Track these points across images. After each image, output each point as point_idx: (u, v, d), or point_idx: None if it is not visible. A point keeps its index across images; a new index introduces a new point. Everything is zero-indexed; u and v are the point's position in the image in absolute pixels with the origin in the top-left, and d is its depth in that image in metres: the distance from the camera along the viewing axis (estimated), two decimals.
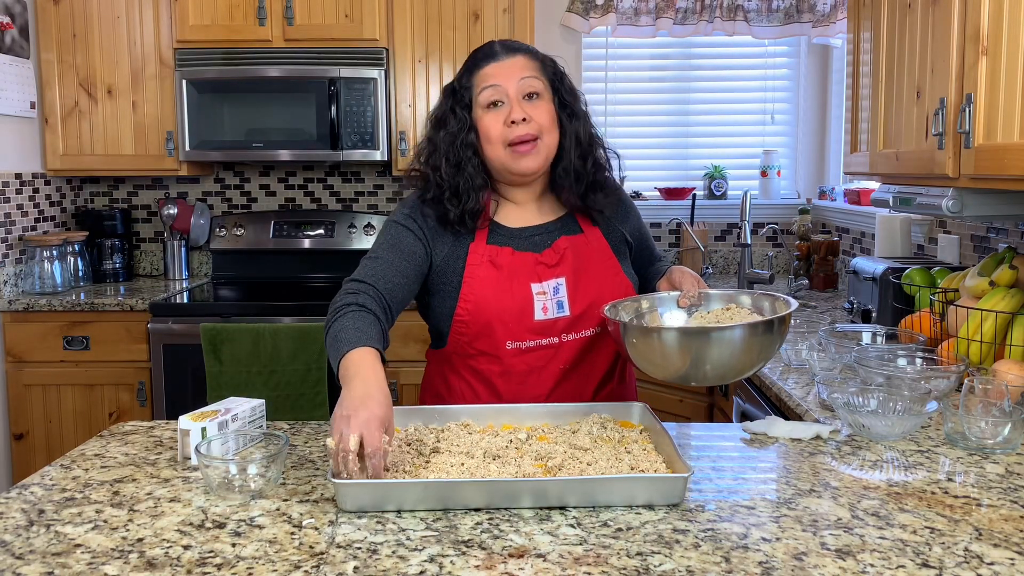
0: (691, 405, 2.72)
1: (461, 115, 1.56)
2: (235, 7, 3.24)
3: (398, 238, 1.58)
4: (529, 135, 1.53)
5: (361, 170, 3.75)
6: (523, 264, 1.58)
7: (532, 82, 1.54)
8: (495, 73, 1.54)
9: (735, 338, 1.33)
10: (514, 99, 1.53)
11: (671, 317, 1.56)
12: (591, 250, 1.63)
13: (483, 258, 1.58)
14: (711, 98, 3.81)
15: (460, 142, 1.55)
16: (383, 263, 1.54)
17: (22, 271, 3.24)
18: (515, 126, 1.52)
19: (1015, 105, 1.50)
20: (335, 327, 1.40)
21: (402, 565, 1.00)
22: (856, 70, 2.33)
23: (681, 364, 1.36)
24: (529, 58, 1.58)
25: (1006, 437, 1.38)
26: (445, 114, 1.58)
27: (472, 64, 1.58)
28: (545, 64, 1.59)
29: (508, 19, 3.28)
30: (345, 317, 1.42)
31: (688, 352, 1.35)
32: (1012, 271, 1.75)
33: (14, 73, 3.16)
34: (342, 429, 1.17)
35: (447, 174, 1.56)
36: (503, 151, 1.54)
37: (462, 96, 1.57)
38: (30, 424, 3.12)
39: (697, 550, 1.03)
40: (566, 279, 1.59)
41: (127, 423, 1.56)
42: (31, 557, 1.03)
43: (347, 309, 1.44)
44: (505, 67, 1.55)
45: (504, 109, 1.53)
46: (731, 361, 1.35)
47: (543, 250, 1.60)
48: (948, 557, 1.01)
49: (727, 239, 3.80)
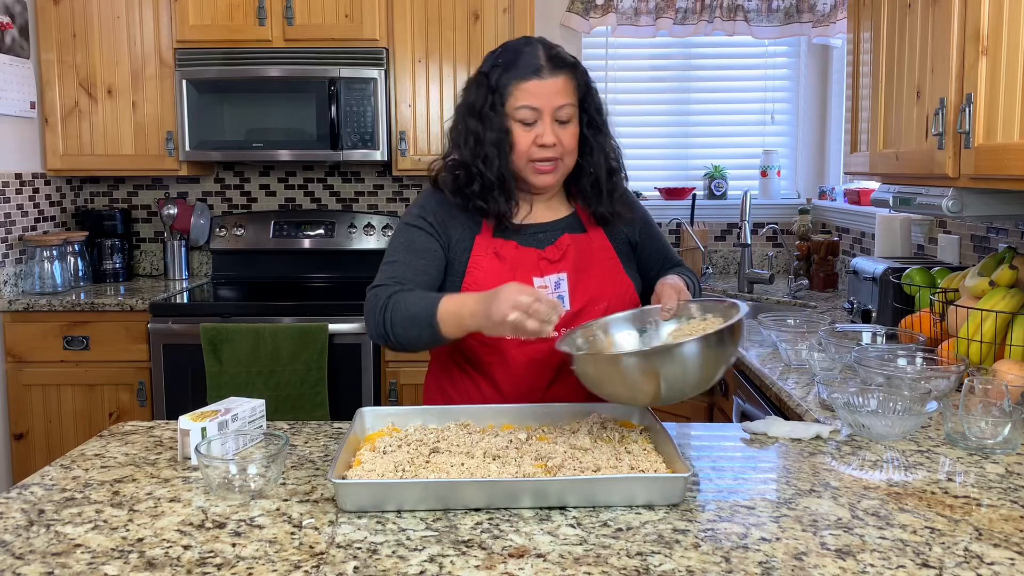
0: (691, 405, 2.71)
1: (500, 113, 1.56)
2: (235, 7, 3.24)
3: (411, 239, 1.61)
4: (552, 157, 1.57)
5: (361, 170, 3.75)
6: (526, 258, 1.61)
7: (567, 109, 1.56)
8: (536, 93, 1.54)
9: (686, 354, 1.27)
10: (548, 123, 1.55)
11: (624, 338, 1.53)
12: (593, 249, 1.66)
13: (488, 250, 1.61)
14: (711, 98, 3.81)
15: (505, 144, 1.56)
16: (401, 265, 1.59)
17: (22, 271, 3.24)
18: (543, 148, 1.55)
19: (1015, 105, 1.50)
20: (399, 312, 1.47)
21: (402, 565, 1.00)
22: (856, 70, 2.33)
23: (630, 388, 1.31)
24: (569, 79, 1.57)
25: (1006, 437, 1.38)
26: (485, 110, 1.57)
27: (515, 71, 1.55)
28: (580, 81, 1.60)
29: (508, 19, 3.28)
30: (397, 298, 1.49)
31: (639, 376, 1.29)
32: (1012, 271, 1.75)
33: (14, 73, 3.16)
34: (522, 317, 1.29)
35: (500, 170, 1.56)
36: (525, 164, 1.58)
37: (497, 97, 1.56)
38: (30, 424, 3.12)
39: (697, 550, 1.03)
40: (567, 275, 1.62)
41: (127, 423, 1.56)
42: (31, 557, 1.03)
43: (394, 296, 1.50)
44: (547, 88, 1.54)
45: (536, 128, 1.55)
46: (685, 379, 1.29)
47: (546, 246, 1.63)
48: (948, 557, 1.01)
49: (727, 239, 3.80)
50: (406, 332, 1.47)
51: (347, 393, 3.04)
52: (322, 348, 2.94)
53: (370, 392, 3.05)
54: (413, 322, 1.46)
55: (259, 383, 2.93)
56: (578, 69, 1.60)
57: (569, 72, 1.57)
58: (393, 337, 1.50)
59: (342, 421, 1.59)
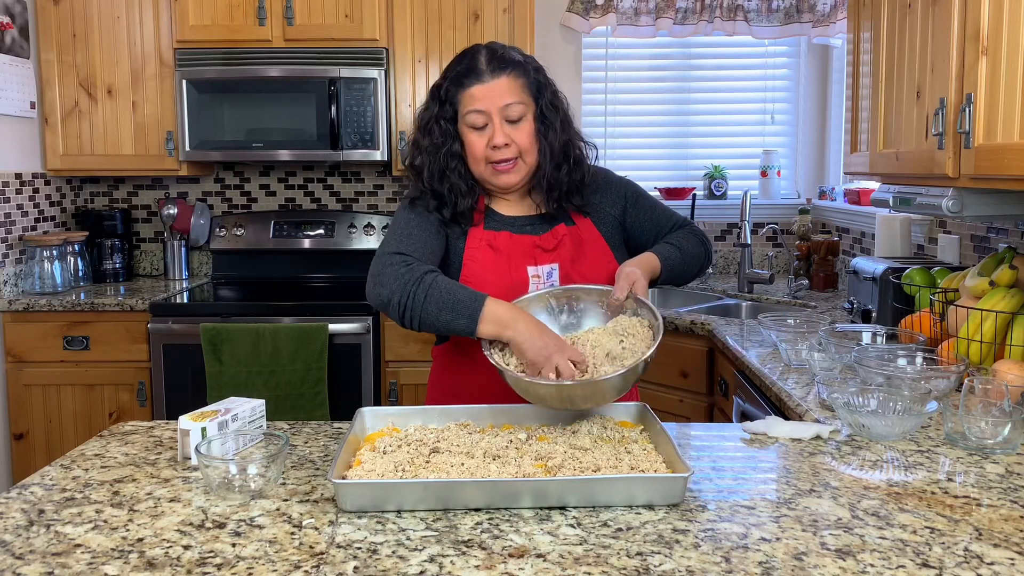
0: (691, 405, 2.72)
1: (446, 126, 1.61)
2: (235, 7, 3.24)
3: (421, 216, 1.63)
4: (508, 157, 1.59)
5: (361, 170, 3.75)
6: (520, 246, 1.64)
7: (515, 107, 1.58)
8: (480, 96, 1.57)
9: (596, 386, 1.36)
10: (497, 124, 1.58)
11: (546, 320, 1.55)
12: (584, 240, 1.68)
13: (482, 242, 1.64)
14: (711, 98, 3.81)
15: (445, 152, 1.61)
16: (417, 238, 1.58)
17: (22, 271, 3.24)
18: (497, 150, 1.58)
19: (1015, 105, 1.50)
20: (437, 292, 1.46)
21: (402, 565, 1.00)
22: (856, 70, 2.33)
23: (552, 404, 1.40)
24: (514, 77, 1.59)
25: (1006, 437, 1.38)
26: (430, 122, 1.62)
27: (458, 79, 1.59)
28: (529, 78, 1.61)
29: (508, 19, 3.28)
30: (439, 280, 1.48)
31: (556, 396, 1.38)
32: (1012, 271, 1.75)
33: (14, 73, 3.16)
34: (558, 362, 1.37)
35: (429, 181, 1.62)
36: (485, 167, 1.61)
37: (448, 107, 1.60)
38: (30, 424, 3.12)
39: (697, 550, 1.03)
40: (559, 265, 1.64)
41: (127, 423, 1.56)
42: (31, 557, 1.03)
43: (432, 275, 1.49)
44: (491, 91, 1.57)
45: (488, 131, 1.58)
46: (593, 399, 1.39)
47: (542, 234, 1.66)
48: (948, 557, 1.01)
49: (727, 239, 3.80)
50: (438, 315, 1.46)
51: (347, 393, 3.04)
52: (322, 348, 2.94)
53: (370, 392, 3.06)
54: (452, 307, 1.45)
55: (259, 383, 2.93)
56: (526, 67, 1.61)
57: (513, 71, 1.59)
58: (420, 313, 1.47)
59: (342, 421, 1.59)
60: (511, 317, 1.43)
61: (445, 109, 1.61)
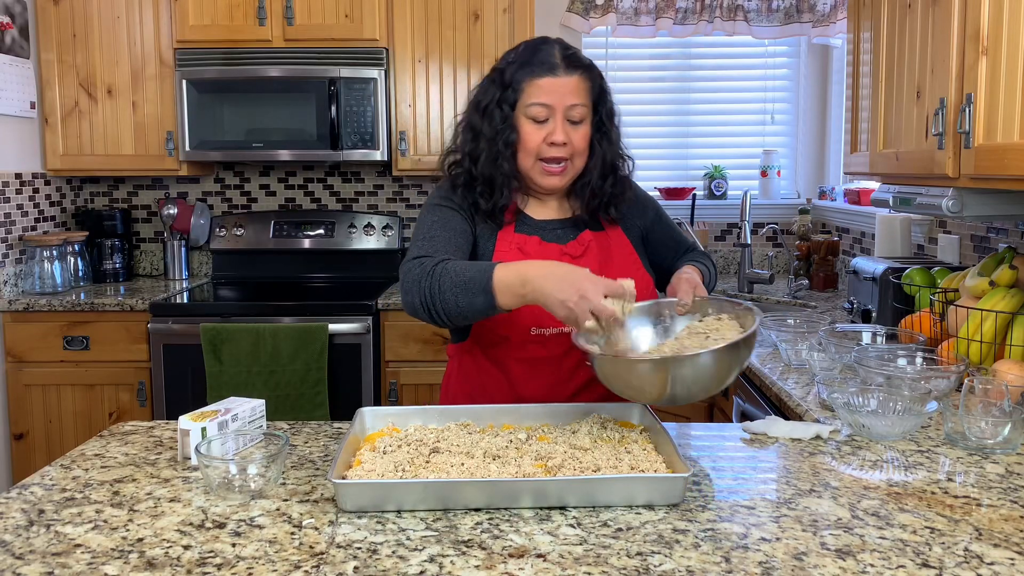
0: (691, 405, 2.72)
1: (507, 112, 1.56)
2: (235, 7, 3.24)
3: (445, 218, 1.58)
4: (561, 157, 1.56)
5: (361, 170, 3.75)
6: (550, 254, 1.61)
7: (579, 109, 1.55)
8: (549, 90, 1.53)
9: (701, 363, 1.27)
10: (559, 120, 1.55)
11: (640, 335, 1.52)
12: (612, 245, 1.67)
13: (511, 245, 1.61)
14: (711, 98, 3.81)
15: (503, 140, 1.56)
16: (440, 240, 1.53)
17: (22, 271, 3.24)
18: (553, 147, 1.55)
19: (1015, 105, 1.50)
20: (447, 278, 1.39)
21: (402, 565, 1.00)
22: (856, 70, 2.33)
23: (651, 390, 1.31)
24: (584, 79, 1.56)
25: (1006, 437, 1.38)
26: (491, 106, 1.57)
27: (530, 68, 1.55)
28: (594, 83, 1.59)
29: (508, 19, 3.28)
30: (448, 266, 1.41)
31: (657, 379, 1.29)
32: (1012, 271, 1.75)
33: (14, 73, 3.16)
34: (591, 307, 1.24)
35: (485, 167, 1.57)
36: (533, 163, 1.57)
37: (509, 93, 1.56)
38: (30, 424, 3.12)
39: (697, 550, 1.03)
40: (589, 269, 1.60)
41: (127, 423, 1.56)
42: (31, 557, 1.03)
43: (441, 263, 1.42)
44: (561, 86, 1.54)
45: (547, 126, 1.55)
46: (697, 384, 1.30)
47: (568, 242, 1.64)
48: (948, 557, 1.01)
49: (727, 239, 3.80)
50: (456, 300, 1.38)
51: (347, 393, 3.04)
52: (322, 348, 2.94)
53: (370, 392, 3.06)
54: (465, 288, 1.37)
55: (259, 383, 2.93)
56: (593, 71, 1.60)
57: (584, 72, 1.57)
58: (440, 304, 1.40)
59: (342, 421, 1.59)
60: (520, 277, 1.32)
61: (507, 94, 1.56)
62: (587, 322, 1.26)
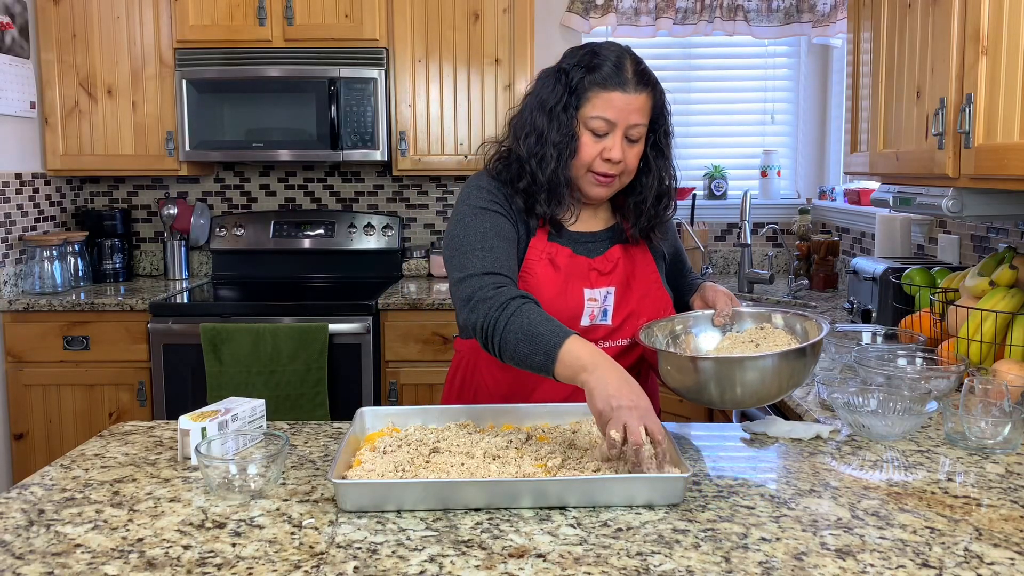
0: (691, 405, 2.71)
1: (571, 116, 1.51)
2: (235, 7, 3.24)
3: (498, 225, 1.53)
4: (613, 174, 1.53)
5: (361, 170, 3.75)
6: (579, 268, 1.59)
7: (639, 129, 1.52)
8: (617, 106, 1.49)
9: (767, 366, 1.36)
10: (619, 137, 1.51)
11: (706, 338, 1.60)
12: (638, 262, 1.65)
13: (543, 254, 1.58)
14: (711, 98, 3.81)
15: (568, 149, 1.51)
16: (501, 252, 1.49)
17: (22, 271, 3.24)
18: (607, 163, 1.52)
19: (1015, 105, 1.50)
20: (518, 321, 1.35)
21: (402, 565, 1.00)
22: (856, 70, 2.33)
23: (715, 389, 1.39)
24: (650, 97, 1.53)
25: (1006, 437, 1.38)
26: (557, 109, 1.51)
27: (599, 76, 1.49)
28: (656, 102, 1.55)
29: (508, 19, 3.28)
30: (524, 308, 1.37)
31: (721, 378, 1.38)
32: (1012, 271, 1.75)
33: (14, 73, 3.16)
34: (626, 421, 1.18)
35: (552, 173, 1.52)
36: (584, 174, 1.54)
37: (573, 99, 1.51)
38: (30, 424, 3.12)
39: (697, 550, 1.03)
40: (616, 288, 1.61)
41: (127, 423, 1.56)
42: (31, 557, 1.03)
43: (520, 301, 1.38)
44: (629, 104, 1.49)
45: (605, 140, 1.51)
46: (763, 386, 1.38)
47: (596, 256, 1.61)
48: (948, 557, 1.01)
49: (727, 239, 3.80)
50: (516, 345, 1.34)
51: (347, 393, 3.04)
52: (322, 348, 2.94)
53: (370, 392, 3.05)
54: (529, 340, 1.33)
55: (259, 383, 2.93)
56: (658, 88, 1.56)
57: (651, 91, 1.53)
58: (497, 341, 1.37)
59: (342, 421, 1.59)
60: (592, 360, 1.26)
61: (572, 99, 1.51)
62: (614, 431, 1.18)
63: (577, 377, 1.27)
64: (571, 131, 1.50)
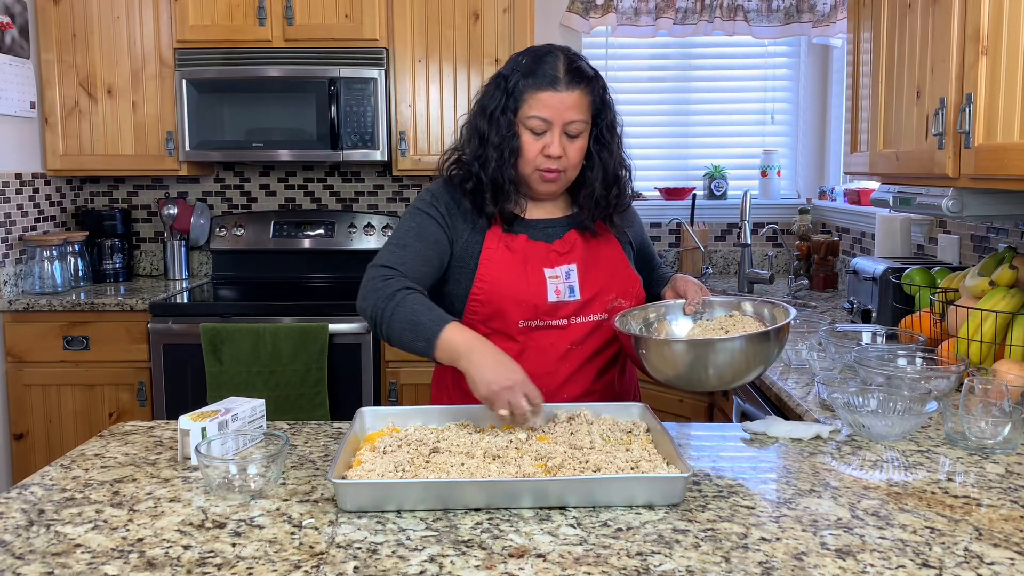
0: (691, 405, 2.72)
1: (510, 118, 1.58)
2: (235, 7, 3.24)
3: (423, 227, 1.63)
4: (557, 169, 1.59)
5: (361, 170, 3.75)
6: (536, 251, 1.64)
7: (578, 125, 1.57)
8: (550, 105, 1.54)
9: (737, 348, 1.42)
10: (557, 134, 1.56)
11: (679, 325, 1.65)
12: (600, 244, 1.69)
13: (499, 243, 1.63)
14: (711, 98, 3.81)
15: (509, 149, 1.58)
16: (411, 251, 1.59)
17: (22, 271, 3.24)
18: (548, 159, 1.57)
19: (1015, 105, 1.50)
20: (403, 311, 1.47)
21: (402, 565, 1.00)
22: (856, 70, 2.33)
23: (687, 371, 1.45)
24: (585, 93, 1.57)
25: (1006, 437, 1.38)
26: (496, 113, 1.58)
27: (533, 79, 1.56)
28: (595, 96, 1.60)
29: (508, 19, 3.28)
30: (408, 299, 1.49)
31: (694, 361, 1.43)
32: (1012, 271, 1.75)
33: (14, 73, 3.16)
34: (509, 398, 1.34)
35: (494, 173, 1.59)
36: (532, 171, 1.60)
37: (511, 101, 1.57)
38: (30, 424, 3.12)
39: (697, 550, 1.03)
40: (577, 265, 1.64)
41: (127, 423, 1.56)
42: (31, 557, 1.03)
43: (404, 292, 1.50)
44: (561, 102, 1.54)
45: (544, 138, 1.57)
46: (733, 368, 1.43)
47: (555, 240, 1.66)
48: (948, 557, 1.01)
49: (727, 239, 3.80)
50: (400, 333, 1.48)
51: (347, 393, 3.04)
52: (322, 348, 2.94)
53: (370, 392, 3.06)
54: (412, 328, 1.46)
55: (259, 383, 2.93)
56: (595, 84, 1.60)
57: (586, 87, 1.57)
58: (384, 328, 1.50)
59: (342, 421, 1.59)
60: (467, 347, 1.40)
61: (509, 103, 1.58)
62: (502, 410, 1.35)
63: (456, 362, 1.41)
64: (512, 132, 1.58)
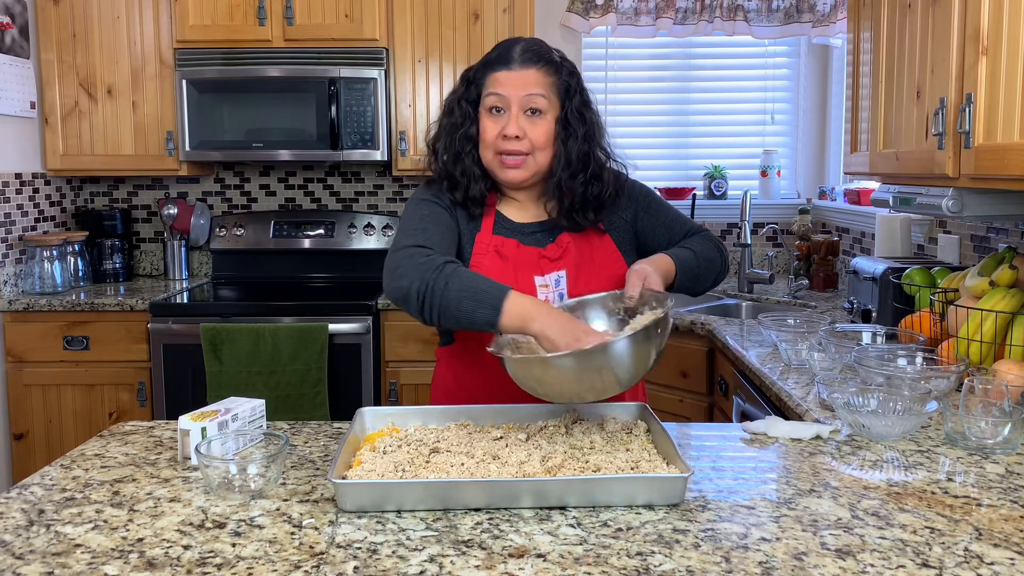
0: (691, 405, 2.72)
1: (467, 108, 1.59)
2: (235, 7, 3.24)
3: (436, 213, 1.58)
4: (518, 151, 1.55)
5: (361, 170, 3.75)
6: (527, 258, 1.62)
7: (536, 99, 1.54)
8: (503, 82, 1.55)
9: (565, 364, 1.27)
10: (515, 113, 1.55)
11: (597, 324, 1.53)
12: (592, 245, 1.66)
13: (489, 247, 1.61)
14: (711, 98, 3.81)
15: (461, 135, 1.59)
16: (433, 233, 1.52)
17: (22, 271, 3.24)
18: (507, 140, 1.55)
19: (1015, 105, 1.50)
20: (458, 281, 1.37)
21: (402, 565, 1.00)
22: (856, 70, 2.33)
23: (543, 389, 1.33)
24: (544, 73, 1.56)
25: (1006, 437, 1.38)
26: (453, 103, 1.61)
27: (488, 62, 1.59)
28: (559, 79, 1.57)
29: (508, 19, 3.28)
30: (460, 270, 1.40)
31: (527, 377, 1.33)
32: (1012, 271, 1.75)
33: (14, 73, 3.16)
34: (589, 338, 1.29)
35: (445, 162, 1.61)
36: (492, 156, 1.58)
37: (472, 90, 1.60)
38: (30, 424, 3.12)
39: (697, 550, 1.03)
40: (567, 272, 1.63)
41: (127, 423, 1.56)
42: (31, 557, 1.03)
43: (452, 264, 1.41)
44: (515, 79, 1.54)
45: (503, 118, 1.56)
46: (566, 385, 1.30)
47: (546, 244, 1.64)
48: (948, 557, 1.01)
49: (727, 239, 3.80)
50: (459, 303, 1.36)
51: (347, 393, 3.04)
52: (322, 348, 2.94)
53: (370, 392, 3.06)
54: (473, 296, 1.35)
55: (259, 383, 2.93)
56: (560, 67, 1.58)
57: (545, 66, 1.57)
58: (437, 301, 1.37)
59: (342, 421, 1.59)
60: (536, 310, 1.34)
61: (470, 91, 1.60)
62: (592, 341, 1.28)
63: (527, 327, 1.33)
64: (470, 118, 1.58)
